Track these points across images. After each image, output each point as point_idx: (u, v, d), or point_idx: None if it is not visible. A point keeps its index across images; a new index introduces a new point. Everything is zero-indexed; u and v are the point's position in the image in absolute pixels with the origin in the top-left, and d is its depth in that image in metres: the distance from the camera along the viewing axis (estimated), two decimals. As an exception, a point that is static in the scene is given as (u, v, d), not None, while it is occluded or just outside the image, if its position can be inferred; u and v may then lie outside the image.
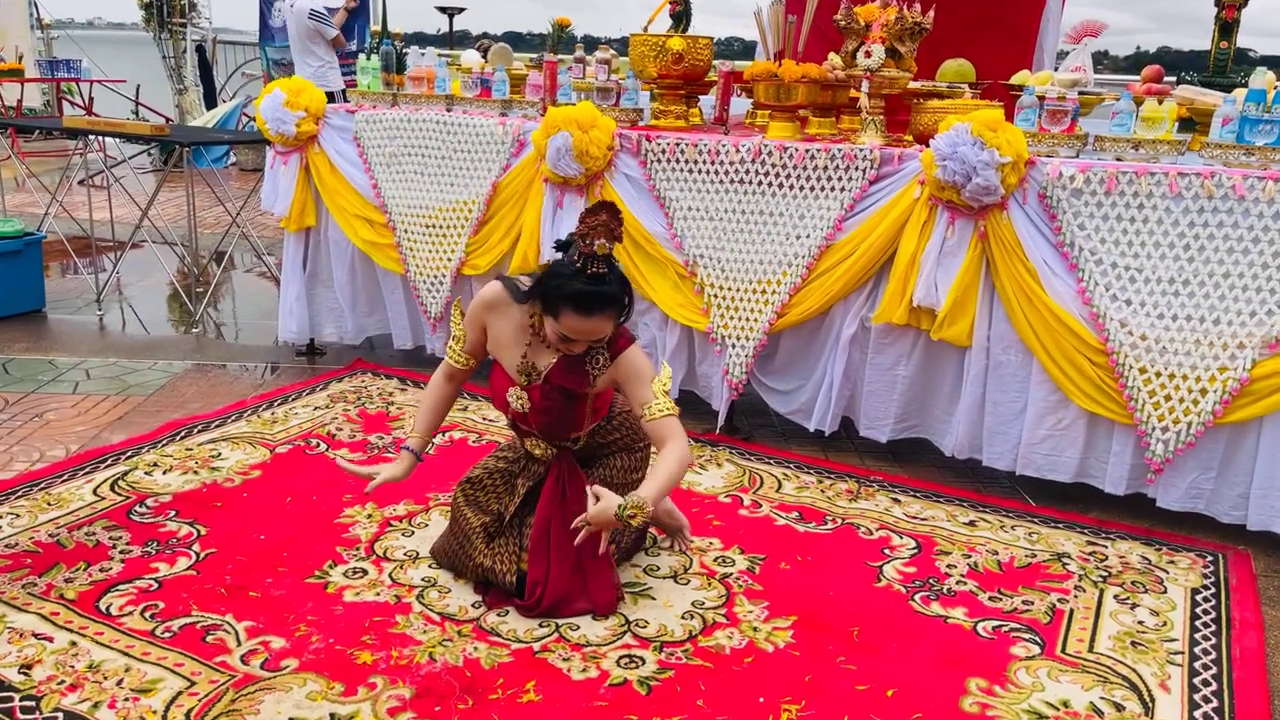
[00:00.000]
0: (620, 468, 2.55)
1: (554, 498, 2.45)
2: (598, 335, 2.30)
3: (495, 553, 2.47)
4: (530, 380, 2.40)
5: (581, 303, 2.21)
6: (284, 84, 4.10)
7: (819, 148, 3.27)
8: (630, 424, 2.58)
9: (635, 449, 2.58)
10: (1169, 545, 2.93)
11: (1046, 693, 2.20)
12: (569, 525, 2.41)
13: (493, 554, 2.47)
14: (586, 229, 2.23)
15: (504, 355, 2.46)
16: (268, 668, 2.16)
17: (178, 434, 3.40)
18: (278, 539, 2.72)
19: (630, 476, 2.55)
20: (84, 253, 6.21)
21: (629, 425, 2.58)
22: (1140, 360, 2.91)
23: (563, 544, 2.41)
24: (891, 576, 2.68)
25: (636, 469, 2.57)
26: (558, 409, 2.39)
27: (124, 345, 4.52)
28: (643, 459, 2.59)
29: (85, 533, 2.70)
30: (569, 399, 2.39)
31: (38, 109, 11.72)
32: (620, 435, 2.57)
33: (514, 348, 2.43)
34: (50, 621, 2.29)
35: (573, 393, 2.38)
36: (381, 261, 4.13)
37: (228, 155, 9.95)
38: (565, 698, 2.11)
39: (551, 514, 2.43)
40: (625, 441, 2.58)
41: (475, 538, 2.49)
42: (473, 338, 2.51)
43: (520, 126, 3.74)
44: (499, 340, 2.46)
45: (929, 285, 3.11)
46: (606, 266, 2.24)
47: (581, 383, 2.38)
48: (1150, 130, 2.97)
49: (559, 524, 2.42)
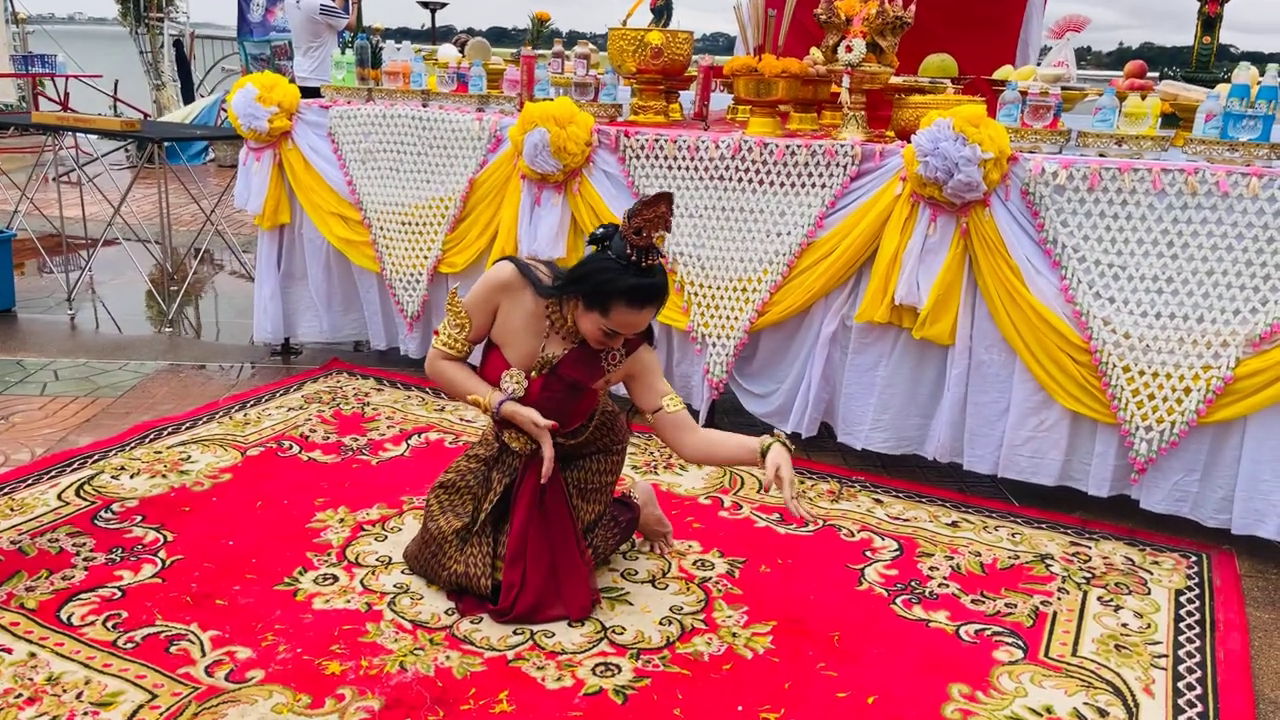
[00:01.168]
0: (596, 470, 2.50)
1: (531, 502, 2.39)
2: (641, 328, 2.26)
3: (469, 559, 2.41)
4: (540, 371, 2.33)
5: (636, 296, 2.15)
6: (256, 79, 4.03)
7: (799, 144, 3.23)
8: (610, 426, 2.52)
9: (612, 451, 2.53)
10: (1152, 546, 2.90)
11: (1030, 698, 2.16)
12: (546, 529, 2.36)
13: (466, 560, 2.41)
14: (644, 221, 2.14)
15: (511, 342, 2.35)
16: (233, 679, 2.10)
17: (146, 436, 3.33)
18: (247, 544, 2.65)
19: (604, 479, 2.50)
20: (55, 251, 6.10)
21: (609, 427, 2.52)
22: (1124, 359, 2.87)
23: (539, 549, 2.36)
24: (873, 579, 2.64)
25: (611, 471, 2.52)
26: (559, 401, 2.32)
27: (95, 345, 4.44)
28: (618, 461, 2.54)
29: (48, 539, 2.63)
30: (574, 392, 2.32)
31: (13, 104, 11.56)
32: (600, 436, 2.51)
33: (525, 335, 2.33)
34: (9, 632, 2.22)
35: (580, 386, 2.31)
36: (357, 259, 4.06)
37: (206, 151, 9.83)
38: (539, 707, 2.06)
39: (530, 518, 2.38)
40: (604, 443, 2.52)
41: (449, 545, 2.43)
42: (479, 322, 2.36)
43: (497, 122, 3.68)
44: (507, 326, 2.35)
45: (911, 283, 3.06)
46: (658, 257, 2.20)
47: (594, 376, 2.32)
48: (1134, 126, 2.94)
49: (537, 528, 2.37)
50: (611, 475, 2.51)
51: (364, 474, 3.14)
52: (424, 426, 3.53)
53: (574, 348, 2.32)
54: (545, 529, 2.37)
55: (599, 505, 2.50)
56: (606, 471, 2.50)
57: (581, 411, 2.38)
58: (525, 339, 2.34)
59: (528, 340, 2.34)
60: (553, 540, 2.37)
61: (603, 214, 3.49)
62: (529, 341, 2.34)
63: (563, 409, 2.33)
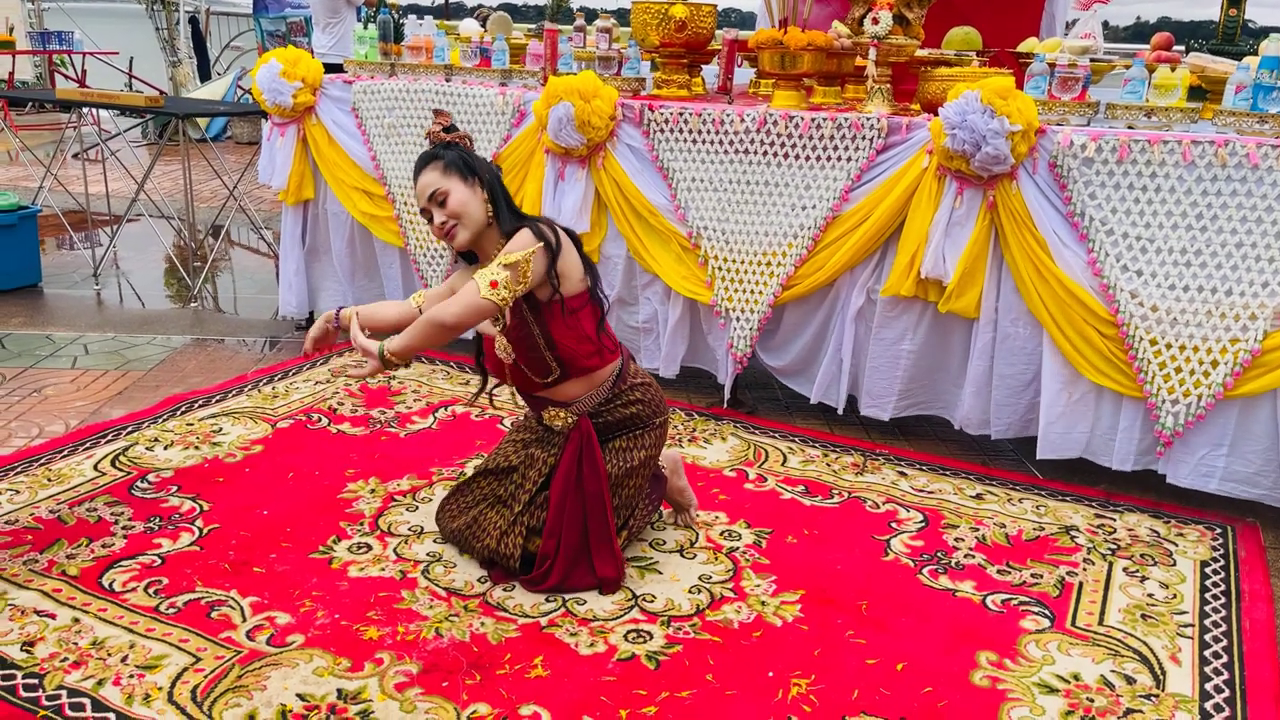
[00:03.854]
0: (636, 445, 2.47)
1: (569, 473, 2.41)
2: (435, 190, 2.36)
3: (503, 536, 2.44)
4: (501, 325, 2.41)
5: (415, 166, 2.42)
6: (280, 54, 4.04)
7: (825, 117, 3.22)
8: (649, 397, 2.52)
9: (652, 425, 2.51)
10: (1177, 518, 2.91)
11: (1057, 666, 2.19)
12: (582, 502, 2.39)
13: (499, 537, 2.44)
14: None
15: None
16: (273, 643, 2.14)
17: (178, 409, 3.37)
18: (281, 514, 2.69)
19: (643, 454, 2.48)
20: (80, 227, 6.15)
21: (649, 399, 2.50)
22: (1151, 332, 2.88)
23: (574, 520, 2.39)
24: (899, 550, 2.66)
25: (653, 446, 2.51)
26: (525, 329, 2.35)
27: (122, 320, 4.48)
28: (659, 436, 2.54)
29: (87, 509, 2.68)
30: (533, 310, 2.34)
31: (30, 82, 11.60)
32: (638, 409, 2.48)
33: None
34: (52, 598, 2.27)
35: (530, 303, 2.33)
36: (381, 234, 4.08)
37: (225, 129, 9.86)
38: (573, 672, 2.10)
39: (567, 489, 2.40)
40: (645, 414, 2.49)
41: (485, 521, 2.47)
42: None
43: (521, 96, 3.69)
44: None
45: (937, 256, 3.07)
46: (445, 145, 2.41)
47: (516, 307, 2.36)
48: (1163, 98, 2.92)
49: (573, 500, 2.39)
50: (654, 450, 2.51)
51: (392, 446, 3.17)
52: (450, 400, 3.57)
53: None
54: (581, 501, 2.39)
55: (639, 480, 2.51)
56: (648, 446, 2.50)
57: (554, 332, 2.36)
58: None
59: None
60: (588, 512, 2.39)
61: (626, 188, 3.50)
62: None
63: (532, 340, 2.37)
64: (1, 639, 2.12)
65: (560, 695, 2.02)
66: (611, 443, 2.47)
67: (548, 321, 2.36)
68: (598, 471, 2.39)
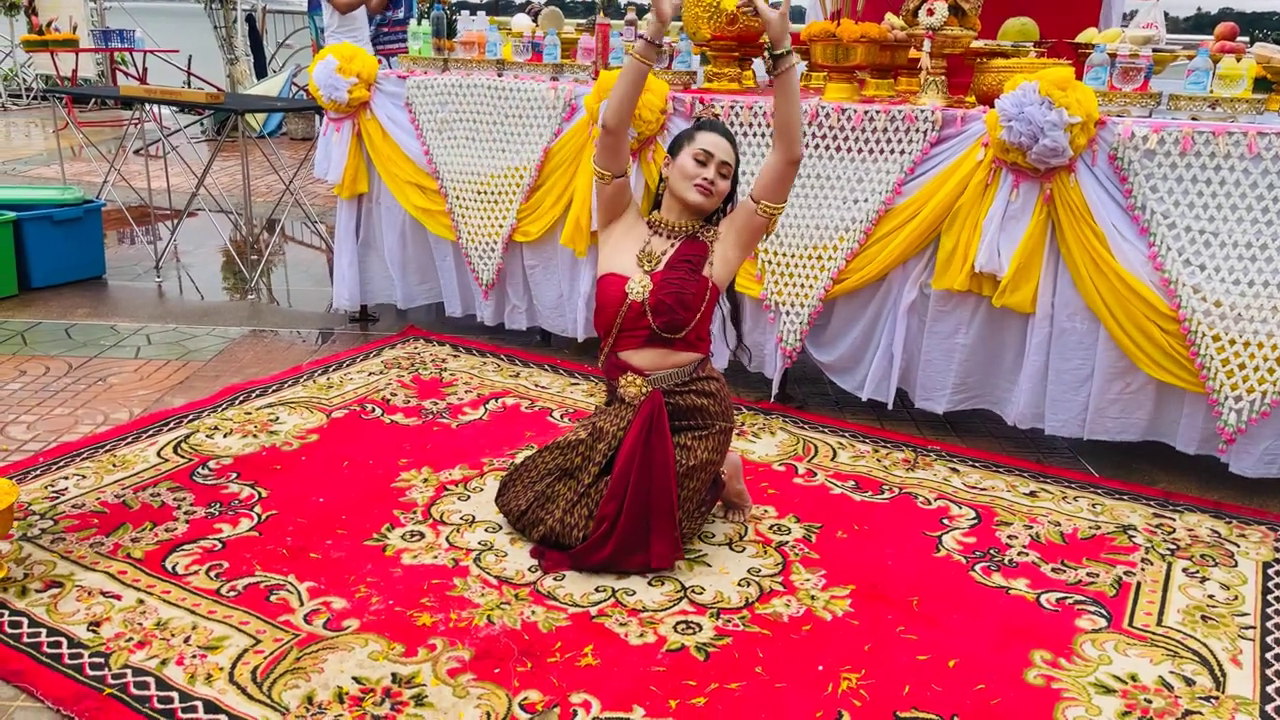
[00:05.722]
0: (702, 449, 2.52)
1: (638, 440, 2.43)
2: (718, 150, 2.53)
3: (571, 507, 2.47)
4: (652, 266, 2.54)
5: (703, 124, 2.60)
6: (336, 50, 4.10)
7: (878, 109, 3.20)
8: (721, 393, 2.57)
9: (717, 425, 2.55)
10: (1239, 518, 2.85)
11: (1114, 666, 2.16)
12: (648, 475, 2.41)
13: (566, 508, 2.48)
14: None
15: (616, 247, 2.61)
16: (330, 627, 2.19)
17: (236, 398, 3.45)
18: (336, 502, 2.74)
19: (708, 456, 2.52)
20: (142, 221, 6.30)
21: (720, 396, 2.57)
22: (1214, 327, 2.81)
23: (638, 490, 2.40)
24: (951, 547, 2.64)
25: (718, 450, 2.55)
26: (680, 281, 2.50)
27: (182, 311, 4.59)
28: (724, 441, 2.57)
29: (150, 494, 2.75)
30: (693, 270, 2.53)
31: (92, 79, 11.89)
32: (708, 402, 2.53)
33: (627, 240, 2.61)
34: (118, 580, 2.34)
35: (697, 260, 2.54)
36: (433, 228, 4.13)
37: (280, 125, 10.02)
38: (623, 662, 2.11)
39: (634, 455, 2.42)
40: (713, 410, 2.54)
41: (553, 493, 2.52)
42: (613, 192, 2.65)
43: (572, 91, 3.70)
44: (614, 230, 2.66)
45: (991, 251, 3.03)
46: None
47: (703, 250, 2.56)
48: (1228, 89, 2.85)
49: (639, 470, 2.41)
50: (715, 456, 2.54)
51: (444, 436, 3.21)
52: (500, 391, 3.60)
53: (680, 241, 2.58)
54: (648, 472, 2.41)
55: (698, 483, 2.52)
56: (711, 450, 2.52)
57: (700, 292, 2.51)
58: (627, 243, 2.61)
59: (630, 245, 2.60)
60: (652, 486, 2.41)
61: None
62: (632, 246, 2.60)
63: (683, 290, 2.50)
64: (69, 619, 2.19)
65: (610, 684, 2.04)
66: (677, 436, 2.50)
67: (710, 287, 2.54)
68: (665, 443, 2.41)
